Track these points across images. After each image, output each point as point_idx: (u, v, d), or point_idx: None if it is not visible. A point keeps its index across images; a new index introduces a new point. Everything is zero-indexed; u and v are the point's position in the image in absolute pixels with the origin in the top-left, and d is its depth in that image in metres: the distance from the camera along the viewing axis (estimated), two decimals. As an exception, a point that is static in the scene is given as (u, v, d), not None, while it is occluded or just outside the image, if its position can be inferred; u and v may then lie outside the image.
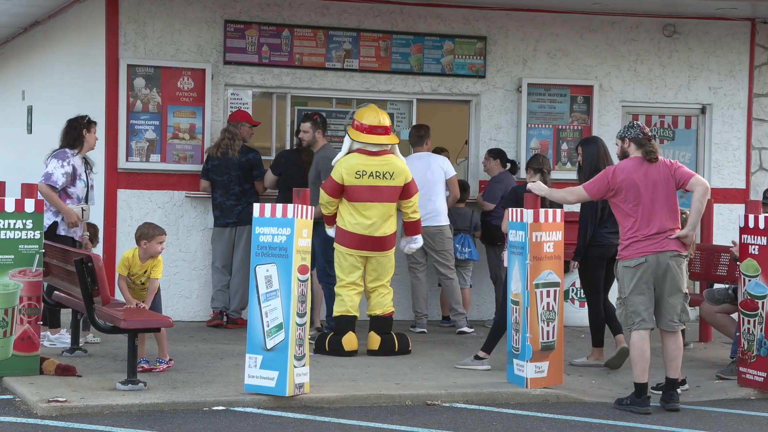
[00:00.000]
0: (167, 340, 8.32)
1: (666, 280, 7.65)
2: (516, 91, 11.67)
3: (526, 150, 11.61)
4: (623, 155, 7.90)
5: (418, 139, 10.73)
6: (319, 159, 9.84)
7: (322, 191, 9.16)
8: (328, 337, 9.12)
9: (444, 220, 10.52)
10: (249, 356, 7.44)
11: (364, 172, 9.12)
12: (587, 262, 8.91)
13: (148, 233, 8.32)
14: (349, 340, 9.09)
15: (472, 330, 10.54)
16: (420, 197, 10.39)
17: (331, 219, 9.29)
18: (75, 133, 9.25)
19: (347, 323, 9.10)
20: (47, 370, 7.90)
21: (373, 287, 9.23)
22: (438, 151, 10.99)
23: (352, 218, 9.09)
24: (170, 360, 8.31)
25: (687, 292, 7.81)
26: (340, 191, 9.13)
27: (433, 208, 10.44)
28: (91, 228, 9.66)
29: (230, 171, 10.45)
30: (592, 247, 8.85)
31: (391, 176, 9.18)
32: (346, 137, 9.32)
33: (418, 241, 9.52)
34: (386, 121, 9.30)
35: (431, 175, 10.47)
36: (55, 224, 9.04)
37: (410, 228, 9.44)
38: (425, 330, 10.52)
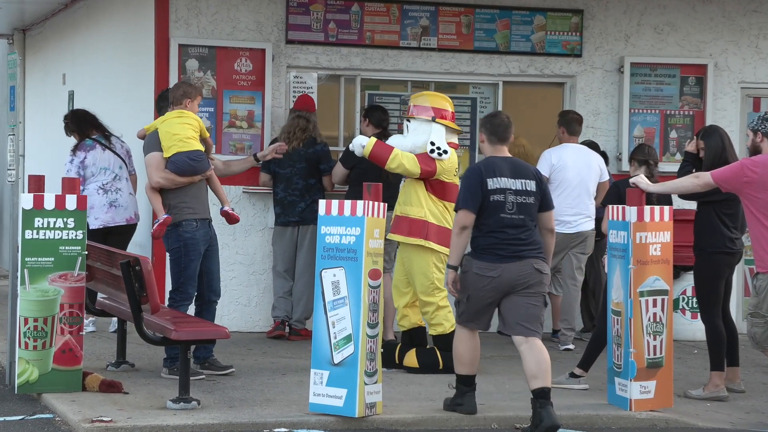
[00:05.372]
0: (222, 353, 8.39)
1: None
2: (617, 71, 11.57)
3: (629, 139, 11.51)
4: (754, 150, 7.98)
5: (579, 127, 10.67)
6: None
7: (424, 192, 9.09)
8: (439, 353, 9.10)
9: (593, 223, 10.55)
10: (314, 372, 7.47)
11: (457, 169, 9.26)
12: (709, 271, 8.62)
13: (191, 92, 8.67)
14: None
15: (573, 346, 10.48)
16: (574, 197, 10.36)
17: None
18: None
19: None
20: (90, 385, 8.01)
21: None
22: (591, 146, 10.84)
23: (446, 218, 9.13)
24: None
25: None
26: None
27: (590, 210, 10.47)
28: None
29: (295, 164, 10.49)
30: (721, 254, 8.57)
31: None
32: (435, 126, 9.10)
33: None
34: None
35: (588, 173, 10.46)
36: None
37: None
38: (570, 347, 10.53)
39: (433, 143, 9.05)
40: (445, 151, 9.03)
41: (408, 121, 9.25)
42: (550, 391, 7.35)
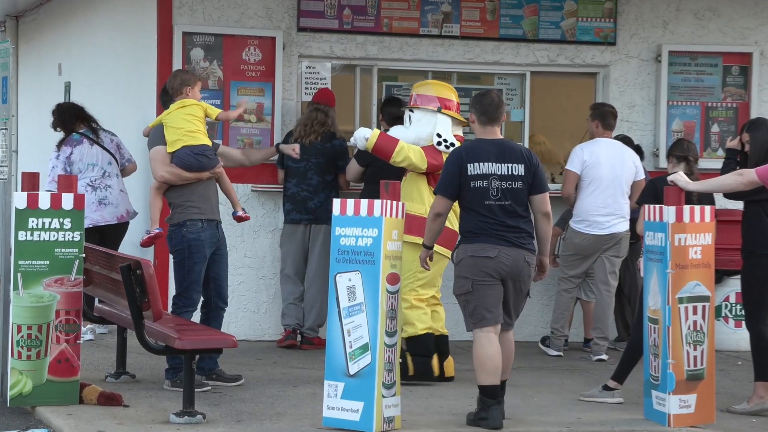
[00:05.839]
0: (229, 364, 8.40)
1: None
2: (654, 60, 11.55)
3: (667, 133, 11.49)
4: None
5: (614, 121, 10.64)
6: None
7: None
8: (411, 358, 9.05)
9: (628, 224, 10.51)
10: (328, 383, 7.46)
11: None
12: (759, 275, 8.54)
13: (190, 79, 8.69)
14: (449, 363, 9.15)
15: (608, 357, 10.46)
16: (607, 196, 10.32)
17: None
18: None
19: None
20: (88, 398, 8.02)
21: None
22: (624, 141, 10.80)
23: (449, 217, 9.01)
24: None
25: None
26: None
27: (624, 210, 10.42)
28: None
29: (310, 158, 10.46)
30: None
31: None
32: (440, 117, 9.11)
33: None
34: None
35: (622, 171, 10.42)
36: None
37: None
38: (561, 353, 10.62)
39: (439, 135, 9.06)
40: (453, 144, 9.01)
41: (411, 111, 9.23)
42: (505, 383, 7.74)
